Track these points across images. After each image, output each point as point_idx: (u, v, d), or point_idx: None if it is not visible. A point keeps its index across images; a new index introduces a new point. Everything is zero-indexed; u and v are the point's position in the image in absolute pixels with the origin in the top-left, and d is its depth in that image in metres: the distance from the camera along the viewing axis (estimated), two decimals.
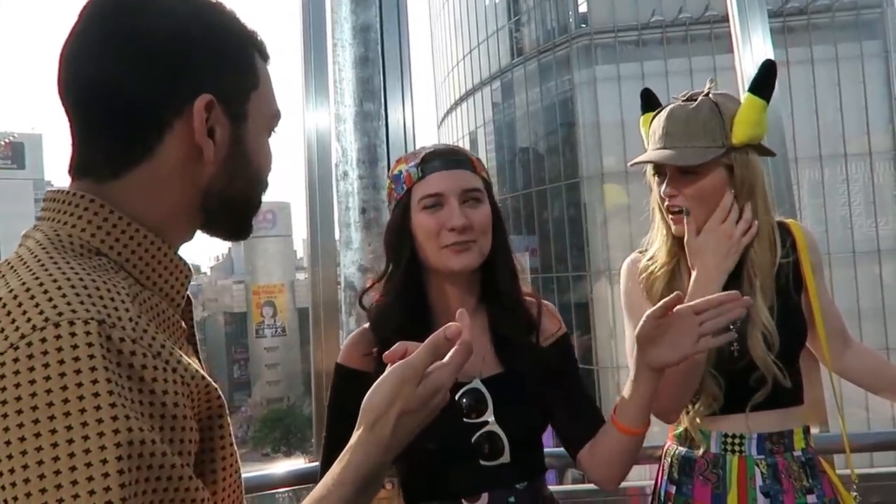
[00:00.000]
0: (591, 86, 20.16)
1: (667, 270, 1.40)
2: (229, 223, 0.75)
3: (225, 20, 0.70)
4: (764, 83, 1.34)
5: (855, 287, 16.17)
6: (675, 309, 1.05)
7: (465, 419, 1.13)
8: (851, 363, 1.50)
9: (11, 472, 0.49)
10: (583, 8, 21.25)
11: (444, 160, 1.19)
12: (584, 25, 20.94)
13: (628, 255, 1.52)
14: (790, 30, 17.48)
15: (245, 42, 0.72)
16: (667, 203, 1.36)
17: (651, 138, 1.40)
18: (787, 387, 1.33)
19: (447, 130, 29.60)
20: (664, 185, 1.36)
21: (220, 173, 0.69)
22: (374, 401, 0.73)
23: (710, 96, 1.35)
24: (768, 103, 1.34)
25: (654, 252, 1.44)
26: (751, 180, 1.34)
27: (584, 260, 20.27)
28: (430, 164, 1.19)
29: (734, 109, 1.33)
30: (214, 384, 0.64)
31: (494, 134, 24.74)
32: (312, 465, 1.78)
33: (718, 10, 17.21)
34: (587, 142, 20.21)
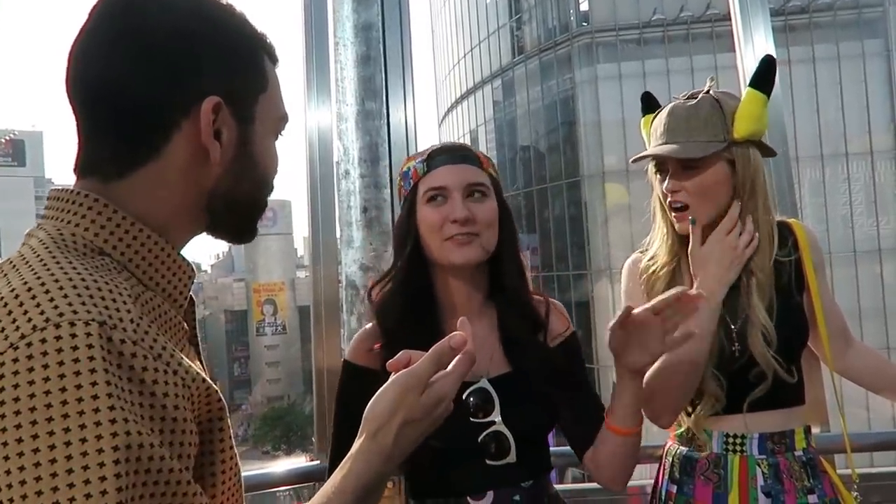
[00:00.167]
0: (593, 84, 20.15)
1: (668, 270, 1.40)
2: (234, 225, 0.75)
3: (235, 22, 0.70)
4: (764, 78, 1.34)
5: (856, 286, 16.16)
6: (635, 313, 1.08)
7: (472, 418, 1.13)
8: (853, 362, 1.50)
9: (8, 473, 0.49)
10: (584, 6, 21.24)
11: (449, 155, 1.21)
12: (585, 24, 20.92)
13: (629, 253, 1.52)
14: (792, 28, 17.47)
15: (254, 44, 0.72)
16: (669, 199, 1.36)
17: (652, 136, 1.40)
18: (789, 385, 1.33)
19: (448, 129, 29.58)
20: (666, 181, 1.36)
21: (226, 175, 0.69)
22: (376, 409, 0.73)
23: (711, 93, 1.36)
24: (769, 98, 1.34)
25: (654, 251, 1.44)
26: (752, 176, 1.33)
27: (585, 259, 20.27)
28: (435, 160, 1.20)
29: (735, 105, 1.34)
30: (215, 386, 0.64)
31: (495, 132, 24.73)
32: (313, 463, 1.78)
33: (720, 8, 17.19)
34: (588, 140, 20.21)
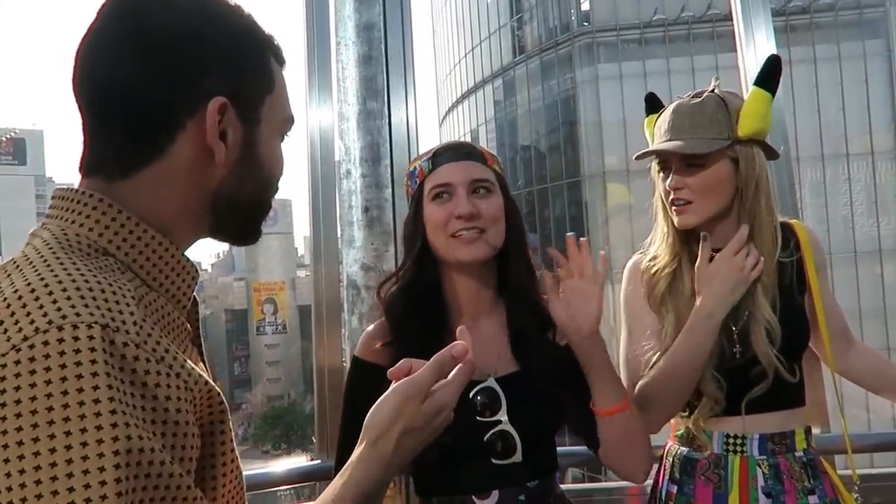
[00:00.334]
0: (593, 84, 20.15)
1: (669, 272, 1.40)
2: (238, 227, 0.74)
3: (242, 23, 0.70)
4: (769, 77, 1.34)
5: (856, 287, 16.17)
6: (561, 283, 1.18)
7: (479, 417, 1.13)
8: (854, 363, 1.50)
9: (8, 475, 0.49)
10: (585, 6, 21.23)
11: (453, 152, 1.22)
12: (586, 24, 20.92)
13: (630, 254, 1.52)
14: (793, 28, 17.46)
15: (261, 45, 0.71)
16: (672, 197, 1.36)
17: (656, 134, 1.40)
18: (790, 385, 1.33)
19: (449, 128, 29.57)
20: (669, 178, 1.36)
21: (231, 176, 0.69)
22: (377, 418, 0.73)
23: (716, 92, 1.36)
24: (774, 97, 1.34)
25: (655, 251, 1.44)
26: (756, 176, 1.33)
27: None
28: (440, 157, 1.22)
29: (739, 104, 1.34)
30: (217, 388, 0.64)
31: (496, 132, 24.72)
32: (313, 463, 1.77)
33: (721, 8, 17.18)
34: (589, 140, 20.20)
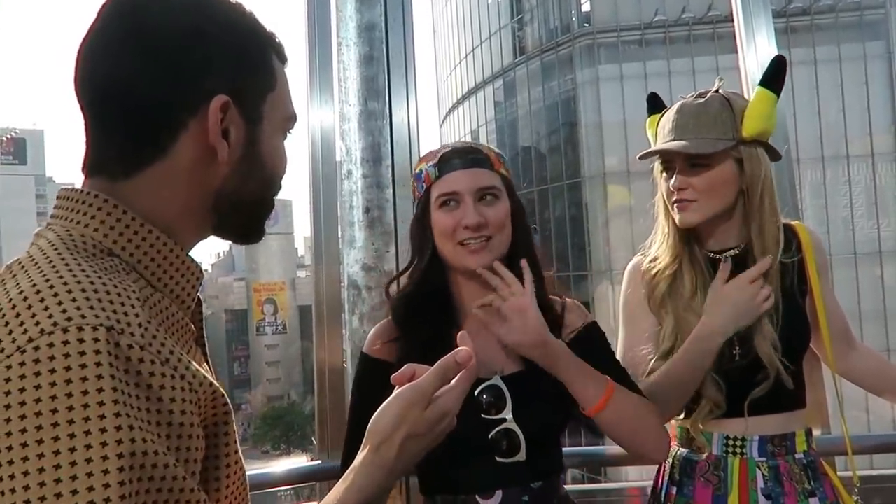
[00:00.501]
0: (594, 85, 20.14)
1: (669, 273, 1.39)
2: (240, 226, 0.74)
3: (244, 21, 0.70)
4: (774, 77, 1.34)
5: (856, 288, 16.14)
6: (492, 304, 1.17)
7: (484, 415, 1.13)
8: (855, 364, 1.50)
9: (12, 477, 0.48)
10: (586, 7, 21.22)
11: (461, 159, 1.20)
12: (586, 25, 20.91)
13: (630, 255, 1.51)
14: (793, 30, 17.45)
15: (263, 43, 0.71)
16: (675, 197, 1.36)
17: (659, 134, 1.40)
18: (790, 387, 1.33)
19: (449, 129, 29.57)
20: (673, 178, 1.36)
21: (233, 175, 0.69)
22: (380, 423, 0.73)
23: (720, 92, 1.36)
24: (778, 98, 1.34)
25: (656, 252, 1.44)
26: (761, 176, 1.33)
27: (586, 260, 20.26)
28: (447, 164, 1.20)
29: (744, 104, 1.34)
30: (221, 389, 0.64)
31: (496, 133, 24.71)
32: (313, 463, 1.77)
33: (721, 9, 17.18)
34: (589, 141, 20.19)
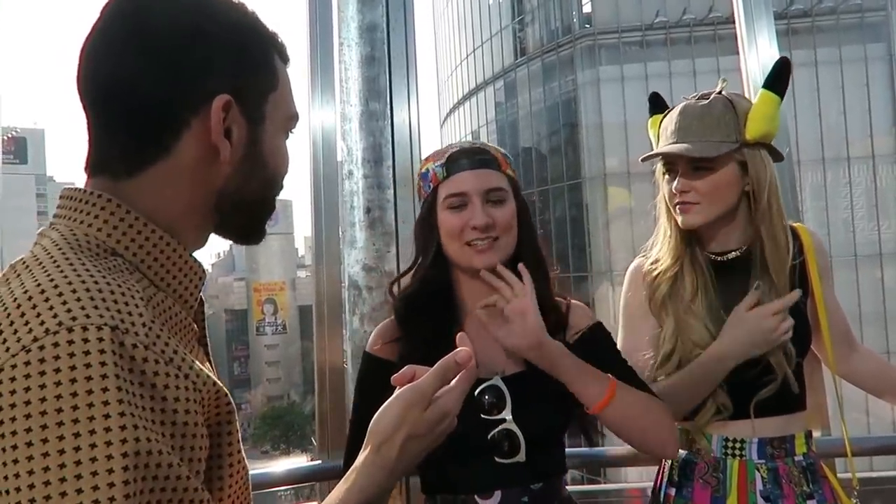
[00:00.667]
0: (595, 86, 20.15)
1: (670, 275, 1.39)
2: (241, 225, 0.75)
3: (246, 21, 0.70)
4: (778, 79, 1.34)
5: (856, 290, 16.14)
6: (493, 306, 1.17)
7: (483, 416, 1.13)
8: (857, 366, 1.50)
9: (17, 476, 0.49)
10: (587, 8, 21.23)
11: (469, 160, 1.20)
12: (587, 26, 20.92)
13: (630, 256, 1.51)
14: (794, 32, 17.45)
15: (265, 43, 0.71)
16: (677, 200, 1.35)
17: (662, 135, 1.39)
18: (796, 391, 1.33)
19: (450, 130, 29.57)
20: (675, 180, 1.35)
21: (235, 174, 0.69)
22: (381, 424, 0.74)
23: (723, 94, 1.36)
24: (782, 100, 1.34)
25: (657, 253, 1.43)
26: (767, 179, 1.33)
27: (586, 261, 20.26)
28: (455, 164, 1.20)
29: (747, 106, 1.34)
30: (224, 389, 0.64)
31: (497, 134, 24.72)
32: (313, 463, 1.77)
33: (722, 11, 17.19)
34: (590, 142, 20.20)
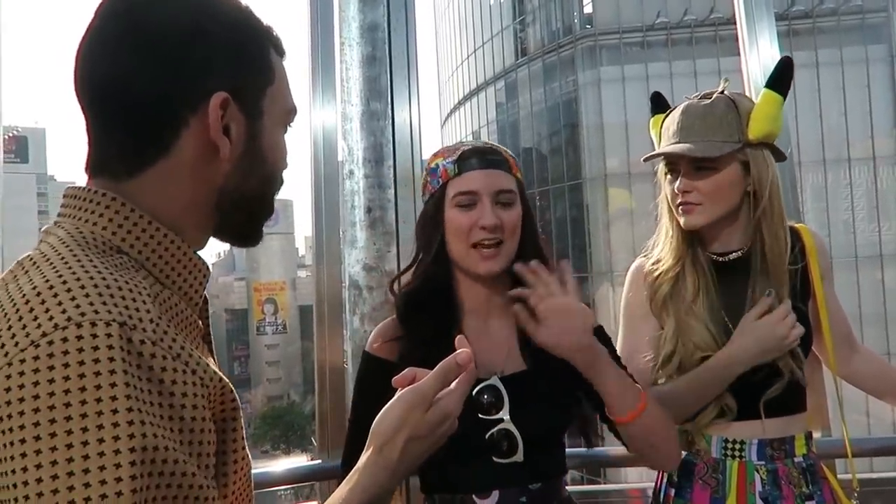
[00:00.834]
0: (595, 87, 20.17)
1: (672, 276, 1.39)
2: (240, 225, 0.74)
3: (240, 16, 0.70)
4: (781, 79, 1.34)
5: (857, 292, 16.15)
6: (537, 308, 1.12)
7: (481, 415, 1.13)
8: (858, 368, 1.49)
9: (24, 470, 0.49)
10: (588, 9, 21.25)
11: (481, 159, 1.20)
12: (588, 26, 20.93)
13: (631, 256, 1.51)
14: (795, 33, 17.46)
15: (260, 37, 0.71)
16: (680, 200, 1.35)
17: (664, 135, 1.39)
18: (792, 391, 1.33)
19: (450, 129, 29.58)
20: (678, 180, 1.35)
21: (235, 171, 0.69)
22: (382, 425, 0.74)
23: (726, 93, 1.36)
24: (785, 99, 1.33)
25: (658, 254, 1.43)
26: (770, 179, 1.33)
27: (587, 261, 20.27)
28: (467, 162, 1.19)
29: (750, 106, 1.34)
30: (230, 385, 0.64)
31: (498, 134, 24.72)
32: (313, 463, 1.77)
33: (723, 12, 17.21)
34: (590, 143, 20.22)
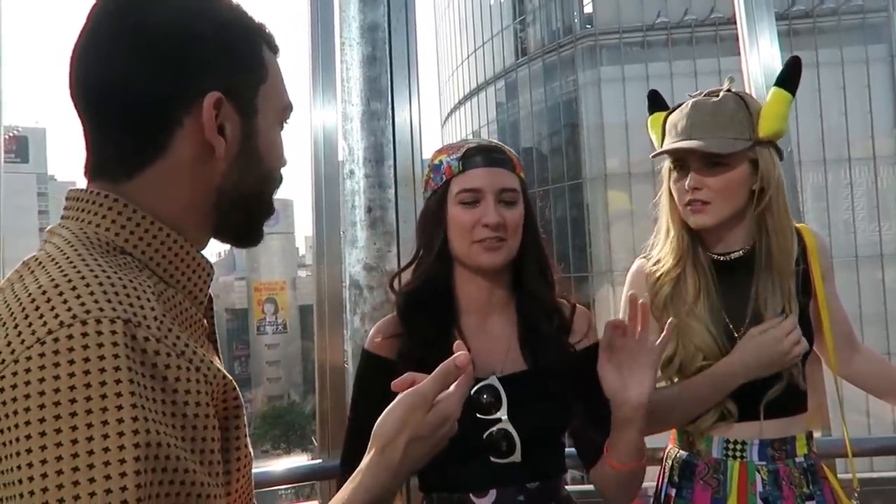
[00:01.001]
0: (596, 87, 20.16)
1: (673, 277, 1.38)
2: (239, 225, 0.75)
3: (232, 15, 0.70)
4: (790, 78, 1.34)
5: (857, 292, 16.13)
6: (612, 340, 1.10)
7: (479, 415, 1.13)
8: (860, 368, 1.49)
9: (30, 465, 0.50)
10: (588, 9, 21.25)
11: (485, 157, 1.20)
12: (588, 26, 20.93)
13: (631, 256, 1.50)
14: (796, 33, 17.44)
15: (252, 35, 0.71)
16: (689, 197, 1.33)
17: (669, 133, 1.37)
18: (793, 392, 1.33)
19: (451, 129, 29.58)
20: (688, 178, 1.33)
21: (232, 170, 0.69)
22: (384, 427, 0.75)
23: (732, 91, 1.35)
24: (793, 98, 1.33)
25: (659, 254, 1.42)
26: (775, 177, 1.32)
27: (587, 261, 20.27)
28: (471, 160, 1.20)
29: (758, 105, 1.33)
30: (234, 382, 0.64)
31: (498, 134, 24.72)
32: (314, 462, 1.77)
33: (724, 12, 17.20)
34: (591, 143, 20.22)
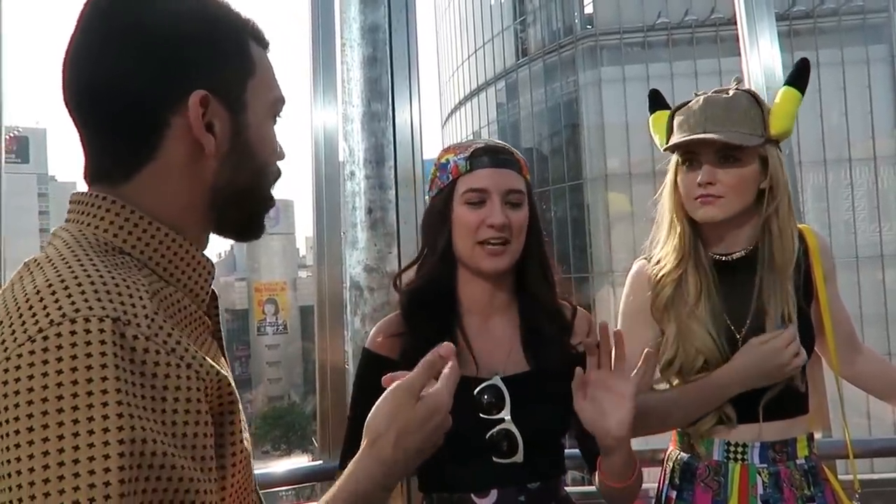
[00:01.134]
0: (596, 87, 20.17)
1: (674, 278, 1.37)
2: (238, 221, 0.75)
3: (218, 13, 0.70)
4: (800, 78, 1.34)
5: (858, 292, 16.13)
6: (583, 377, 1.08)
7: (482, 415, 1.13)
8: (862, 369, 1.49)
9: (19, 460, 0.51)
10: (588, 9, 21.25)
11: (492, 157, 1.20)
12: (589, 27, 20.94)
13: (631, 256, 1.50)
14: (796, 33, 17.43)
15: (237, 31, 0.71)
16: (700, 191, 1.32)
17: (680, 128, 1.36)
18: (794, 394, 1.33)
19: (451, 130, 29.59)
20: (701, 171, 1.31)
21: (223, 167, 0.69)
22: (374, 420, 0.77)
23: (742, 90, 1.35)
24: (802, 98, 1.34)
25: (660, 254, 1.42)
26: (781, 176, 1.32)
27: (587, 261, 20.27)
28: (478, 160, 1.20)
29: (767, 104, 1.34)
30: (229, 378, 0.65)
31: (498, 134, 24.72)
32: (314, 463, 1.78)
33: (724, 12, 17.21)
34: (591, 143, 20.22)
